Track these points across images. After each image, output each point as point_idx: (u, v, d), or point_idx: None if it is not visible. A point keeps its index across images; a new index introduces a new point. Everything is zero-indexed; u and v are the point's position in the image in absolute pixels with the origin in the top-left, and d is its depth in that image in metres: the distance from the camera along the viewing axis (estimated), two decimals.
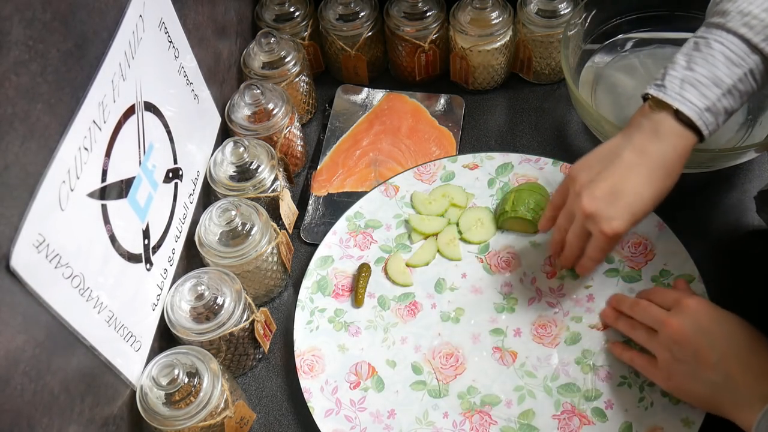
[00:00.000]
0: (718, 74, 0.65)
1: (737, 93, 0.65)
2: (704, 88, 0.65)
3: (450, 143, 0.94)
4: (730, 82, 0.65)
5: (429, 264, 0.83)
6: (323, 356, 0.77)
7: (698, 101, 0.65)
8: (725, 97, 0.65)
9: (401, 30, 0.94)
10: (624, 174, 0.67)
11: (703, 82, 0.65)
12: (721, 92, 0.65)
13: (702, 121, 0.65)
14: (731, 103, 0.66)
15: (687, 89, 0.66)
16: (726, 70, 0.65)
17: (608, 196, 0.67)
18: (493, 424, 0.72)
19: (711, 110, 0.65)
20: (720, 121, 0.66)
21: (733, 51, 0.65)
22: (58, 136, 0.54)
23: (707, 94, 0.65)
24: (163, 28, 0.70)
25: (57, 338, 0.55)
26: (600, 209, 0.67)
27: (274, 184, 0.82)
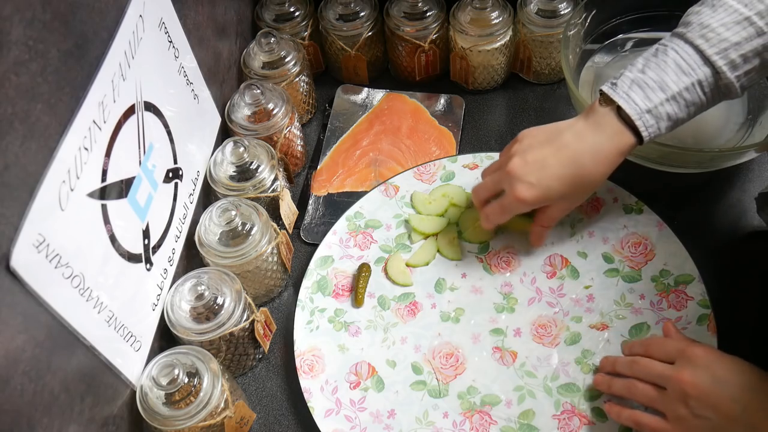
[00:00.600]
0: (666, 80, 0.66)
1: (683, 101, 0.67)
2: (650, 90, 0.67)
3: (450, 143, 0.94)
4: (676, 89, 0.66)
5: (429, 264, 0.83)
6: (323, 356, 0.77)
7: (641, 102, 0.67)
8: (669, 103, 0.67)
9: (401, 30, 0.94)
10: (554, 152, 0.71)
11: (650, 84, 0.67)
12: (665, 97, 0.66)
13: (641, 122, 0.67)
14: (675, 110, 0.67)
15: (634, 90, 0.67)
16: (674, 77, 0.66)
17: (533, 164, 0.71)
18: (493, 424, 0.72)
19: (652, 113, 0.67)
20: (662, 126, 0.68)
21: (685, 60, 0.66)
22: (58, 136, 0.54)
23: (651, 96, 0.67)
24: (163, 28, 0.71)
25: (57, 338, 0.55)
26: (520, 172, 0.71)
27: (274, 184, 0.82)
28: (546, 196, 0.72)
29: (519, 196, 0.71)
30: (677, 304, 0.76)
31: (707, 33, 0.65)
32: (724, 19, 0.65)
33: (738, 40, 0.64)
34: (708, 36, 0.65)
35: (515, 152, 0.73)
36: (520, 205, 0.73)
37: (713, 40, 0.65)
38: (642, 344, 0.70)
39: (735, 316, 0.76)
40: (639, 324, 0.75)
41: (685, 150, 0.78)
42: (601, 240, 0.81)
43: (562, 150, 0.70)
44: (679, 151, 0.78)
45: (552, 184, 0.71)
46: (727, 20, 0.65)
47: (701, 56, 0.66)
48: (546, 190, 0.71)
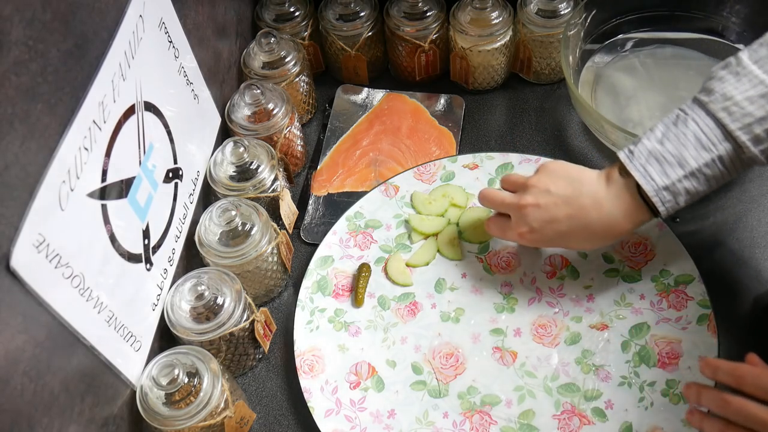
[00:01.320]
0: (685, 155, 0.64)
1: (702, 177, 0.64)
2: (668, 165, 0.64)
3: (450, 143, 0.94)
4: (695, 165, 0.63)
5: (429, 264, 0.83)
6: (323, 356, 0.77)
7: (659, 178, 0.65)
8: (688, 179, 0.64)
9: (401, 30, 0.94)
10: (568, 214, 0.70)
11: (668, 159, 0.64)
12: (684, 173, 0.64)
13: (658, 198, 0.65)
14: (694, 185, 0.64)
15: (651, 163, 0.65)
16: (694, 152, 0.63)
17: (544, 213, 0.70)
18: (493, 424, 0.72)
19: (670, 189, 0.65)
20: (680, 200, 0.65)
21: (705, 134, 0.63)
22: (58, 136, 0.54)
23: (669, 172, 0.64)
24: (163, 28, 0.71)
25: (57, 338, 0.55)
26: (530, 214, 0.71)
27: (274, 184, 0.82)
28: (542, 244, 0.75)
29: (519, 233, 0.73)
30: (677, 304, 0.76)
31: (730, 106, 0.62)
32: (749, 92, 0.61)
33: (763, 114, 0.61)
34: (731, 110, 0.62)
35: (534, 187, 0.72)
36: (518, 240, 0.75)
37: (736, 114, 0.61)
38: (730, 372, 0.57)
39: (735, 316, 0.76)
40: (639, 324, 0.75)
41: None
42: None
43: (577, 215, 0.69)
44: None
45: (554, 237, 0.72)
46: (752, 93, 0.61)
47: (723, 131, 0.62)
48: (546, 241, 0.73)
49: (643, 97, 0.92)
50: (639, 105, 0.91)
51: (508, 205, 0.74)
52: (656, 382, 0.71)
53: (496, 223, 0.77)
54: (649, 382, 0.72)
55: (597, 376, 0.73)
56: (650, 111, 0.91)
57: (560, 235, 0.71)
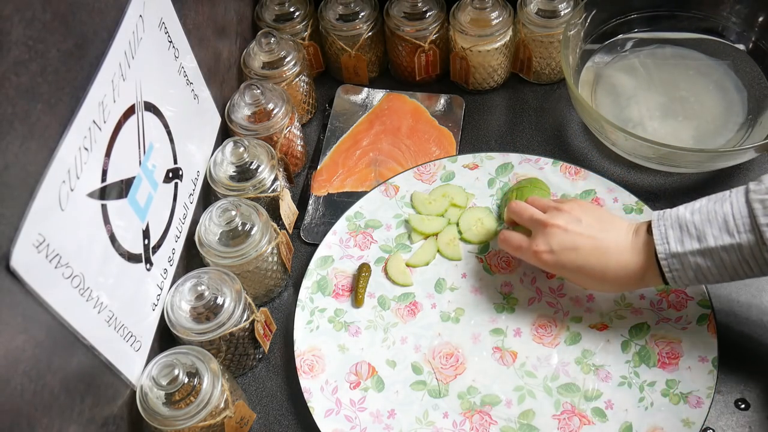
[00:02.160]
0: (707, 232, 0.63)
1: (718, 259, 0.63)
2: (687, 236, 0.64)
3: (450, 143, 0.94)
4: (713, 245, 0.62)
5: (429, 264, 0.83)
6: (323, 356, 0.77)
7: (674, 244, 0.64)
8: (702, 256, 0.63)
9: (401, 30, 0.94)
10: (592, 247, 0.70)
11: (690, 230, 0.64)
12: (699, 248, 0.63)
13: (667, 263, 0.65)
14: (707, 264, 0.63)
15: (674, 229, 0.65)
16: (716, 232, 0.62)
17: (569, 240, 0.70)
18: (493, 424, 0.72)
19: (680, 259, 0.64)
20: (689, 275, 0.65)
21: (735, 219, 0.62)
22: (58, 136, 0.54)
23: (685, 242, 0.64)
24: (163, 28, 0.70)
25: (57, 338, 0.55)
26: (554, 235, 0.71)
27: (274, 184, 0.82)
28: (554, 269, 0.73)
29: (536, 251, 0.72)
30: (677, 304, 0.76)
31: (767, 200, 0.60)
32: None
33: None
34: (767, 203, 0.60)
35: (568, 212, 0.72)
36: (531, 258, 0.73)
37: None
38: None
39: (735, 316, 0.76)
40: (639, 324, 0.75)
41: (685, 150, 0.78)
42: None
43: (598, 252, 0.69)
44: (679, 151, 0.78)
45: (567, 266, 0.71)
46: None
47: (752, 221, 0.61)
48: (558, 267, 0.72)
49: (643, 97, 0.92)
50: (639, 105, 0.91)
51: (536, 221, 0.73)
52: (656, 382, 0.72)
53: (511, 237, 0.76)
54: (649, 382, 0.72)
55: (597, 376, 0.73)
56: (650, 111, 0.91)
57: (574, 267, 0.70)
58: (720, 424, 0.70)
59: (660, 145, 0.77)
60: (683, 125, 0.89)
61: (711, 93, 0.92)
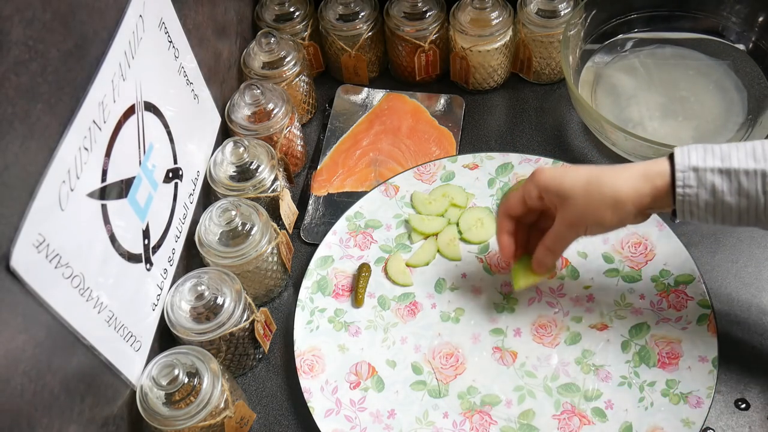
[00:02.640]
0: (732, 154, 0.60)
1: (737, 183, 0.60)
2: (710, 154, 0.61)
3: (450, 143, 0.94)
4: (737, 166, 0.59)
5: (429, 264, 0.83)
6: (323, 356, 0.77)
7: (695, 158, 0.61)
8: (722, 175, 0.60)
9: (401, 30, 0.94)
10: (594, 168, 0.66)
11: (714, 151, 0.61)
12: (721, 167, 0.60)
13: (682, 175, 0.61)
14: (724, 187, 0.60)
15: (697, 149, 0.62)
16: (742, 156, 0.60)
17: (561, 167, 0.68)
18: (493, 424, 0.72)
19: (699, 174, 0.61)
20: (701, 196, 0.61)
21: (763, 149, 0.60)
22: (58, 136, 0.54)
23: (707, 159, 0.61)
24: (163, 28, 0.71)
25: (57, 338, 0.55)
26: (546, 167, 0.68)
27: (274, 184, 0.82)
28: (560, 180, 0.65)
29: (536, 171, 0.67)
30: (677, 304, 0.76)
31: None
32: None
33: None
34: None
35: None
36: (533, 182, 0.67)
37: None
38: None
39: (735, 316, 0.76)
40: (639, 324, 0.75)
41: None
42: (601, 240, 0.81)
43: (592, 167, 0.66)
44: None
45: (569, 172, 0.66)
46: None
47: None
48: (562, 174, 0.66)
49: (643, 97, 0.92)
50: (639, 105, 0.91)
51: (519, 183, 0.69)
52: (656, 382, 0.72)
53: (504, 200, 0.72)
54: (649, 382, 0.72)
55: (597, 376, 0.73)
56: (650, 111, 0.91)
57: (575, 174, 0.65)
58: (720, 424, 0.70)
59: (660, 145, 0.77)
60: (683, 125, 0.89)
61: (711, 93, 0.92)
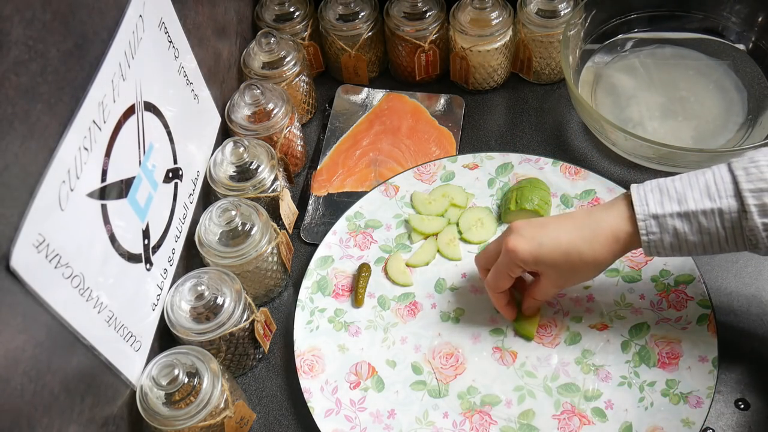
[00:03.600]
0: (688, 195, 0.62)
1: (696, 224, 0.61)
2: (667, 199, 0.63)
3: (450, 143, 0.94)
4: (693, 208, 0.61)
5: (429, 264, 0.83)
6: (323, 356, 0.77)
7: (653, 205, 0.63)
8: (681, 219, 0.62)
9: (401, 30, 0.94)
10: (558, 219, 0.69)
11: (670, 193, 0.63)
12: (679, 211, 0.62)
13: (644, 224, 0.63)
14: (685, 229, 0.62)
15: (654, 193, 0.64)
16: (697, 196, 0.62)
17: (534, 225, 0.69)
18: (493, 424, 0.72)
19: (659, 221, 0.63)
20: (665, 240, 0.63)
21: (716, 185, 0.61)
22: (58, 136, 0.54)
23: (665, 204, 0.63)
24: (163, 28, 0.71)
25: (57, 338, 0.55)
26: (519, 227, 0.69)
27: (274, 184, 0.82)
28: (537, 254, 0.67)
29: (510, 247, 0.67)
30: (677, 304, 0.76)
31: (750, 167, 0.60)
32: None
33: None
34: (750, 170, 0.60)
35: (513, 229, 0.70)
36: (512, 260, 0.68)
37: (753, 176, 0.59)
38: None
39: (735, 316, 0.76)
40: (639, 324, 0.75)
41: (685, 150, 0.78)
42: None
43: (566, 218, 0.68)
44: (679, 151, 0.78)
45: (545, 242, 0.67)
46: None
47: (734, 188, 0.60)
48: (538, 247, 0.67)
49: (643, 97, 0.92)
50: (639, 105, 0.91)
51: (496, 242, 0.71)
52: (656, 382, 0.72)
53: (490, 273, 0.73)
54: (649, 382, 0.72)
55: (597, 376, 0.73)
56: (650, 111, 0.91)
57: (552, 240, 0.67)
58: (720, 424, 0.70)
59: (660, 145, 0.77)
60: (683, 125, 0.89)
61: (711, 93, 0.92)
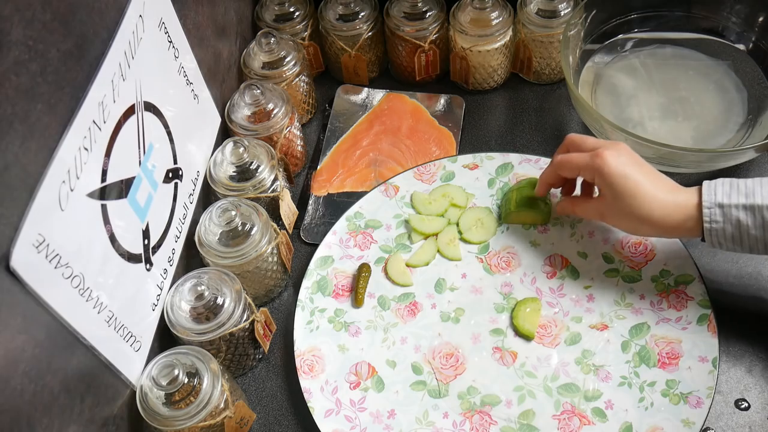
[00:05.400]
0: (757, 190, 0.64)
1: (760, 218, 0.64)
2: (735, 191, 0.65)
3: (450, 143, 0.94)
4: (761, 203, 0.63)
5: (429, 264, 0.83)
6: (323, 356, 0.77)
7: (721, 195, 0.65)
8: (746, 211, 0.64)
9: (401, 30, 0.94)
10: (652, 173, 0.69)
11: (740, 187, 0.65)
12: (745, 203, 0.64)
13: (709, 212, 0.65)
14: (748, 221, 0.64)
15: (724, 185, 0.66)
16: (765, 193, 0.64)
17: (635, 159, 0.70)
18: (493, 424, 0.72)
19: (724, 210, 0.65)
20: (727, 230, 0.65)
21: None
22: (58, 136, 0.54)
23: (732, 196, 0.65)
24: (163, 28, 0.71)
25: (57, 338, 0.55)
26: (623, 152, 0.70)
27: (274, 184, 0.82)
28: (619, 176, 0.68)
29: (604, 155, 0.69)
30: (677, 304, 0.76)
31: None
32: None
33: None
34: None
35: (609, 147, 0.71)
36: (595, 165, 0.70)
37: None
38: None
39: (735, 316, 0.76)
40: (639, 324, 0.75)
41: (685, 150, 0.78)
42: (601, 240, 0.81)
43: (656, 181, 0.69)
44: (679, 151, 0.78)
45: (631, 175, 0.68)
46: None
47: None
48: (623, 174, 0.68)
49: (643, 97, 0.92)
50: (639, 105, 0.91)
51: (603, 143, 0.72)
52: (656, 382, 0.72)
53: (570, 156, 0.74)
54: (649, 382, 0.72)
55: (597, 376, 0.73)
56: (650, 111, 0.91)
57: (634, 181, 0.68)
58: (720, 424, 0.70)
59: (660, 145, 0.77)
60: (683, 125, 0.89)
61: (711, 93, 0.92)
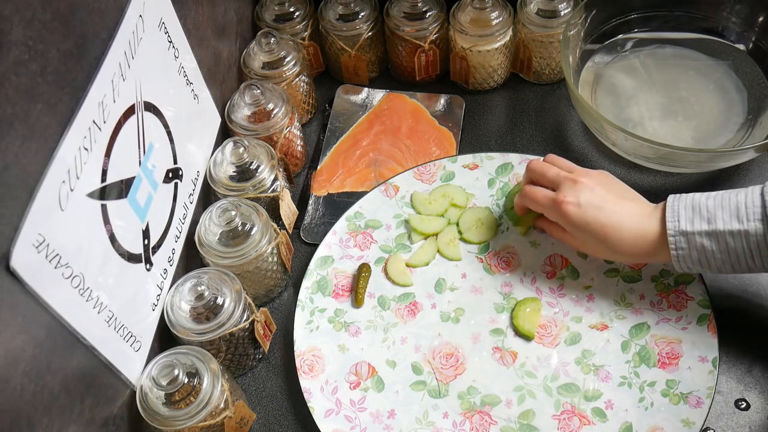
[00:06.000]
0: (718, 216, 0.65)
1: (723, 243, 0.65)
2: (698, 217, 0.66)
3: (450, 143, 0.94)
4: (721, 229, 0.64)
5: (429, 264, 0.83)
6: (323, 356, 0.77)
7: (683, 223, 0.66)
8: (709, 237, 0.65)
9: (401, 30, 0.94)
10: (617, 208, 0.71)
11: (702, 212, 0.66)
12: (707, 230, 0.65)
13: (674, 240, 0.67)
14: (713, 247, 0.65)
15: (687, 210, 0.67)
16: (726, 217, 0.65)
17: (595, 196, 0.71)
18: (493, 424, 0.72)
19: (688, 237, 0.66)
20: (693, 255, 0.67)
21: (746, 207, 0.64)
22: (58, 136, 0.54)
23: (695, 222, 0.66)
24: (163, 28, 0.71)
25: (57, 338, 0.55)
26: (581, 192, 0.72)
27: (274, 184, 0.82)
28: (575, 223, 0.72)
29: (563, 200, 0.72)
30: (677, 304, 0.76)
31: None
32: None
33: None
34: None
35: (592, 177, 0.73)
36: (554, 209, 0.73)
37: None
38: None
39: (735, 316, 0.76)
40: (639, 324, 0.75)
41: (685, 150, 0.78)
42: None
43: (620, 214, 0.70)
44: (679, 151, 0.78)
45: (591, 222, 0.71)
46: None
47: (763, 212, 0.63)
48: (581, 223, 0.71)
49: (643, 97, 0.92)
50: (639, 105, 0.91)
51: (565, 177, 0.74)
52: (656, 382, 0.72)
53: (534, 190, 0.76)
54: (649, 382, 0.72)
55: (597, 376, 0.73)
56: (650, 111, 0.91)
57: (596, 225, 0.70)
58: (720, 424, 0.70)
59: (660, 145, 0.77)
60: (683, 125, 0.89)
61: (711, 93, 0.92)
